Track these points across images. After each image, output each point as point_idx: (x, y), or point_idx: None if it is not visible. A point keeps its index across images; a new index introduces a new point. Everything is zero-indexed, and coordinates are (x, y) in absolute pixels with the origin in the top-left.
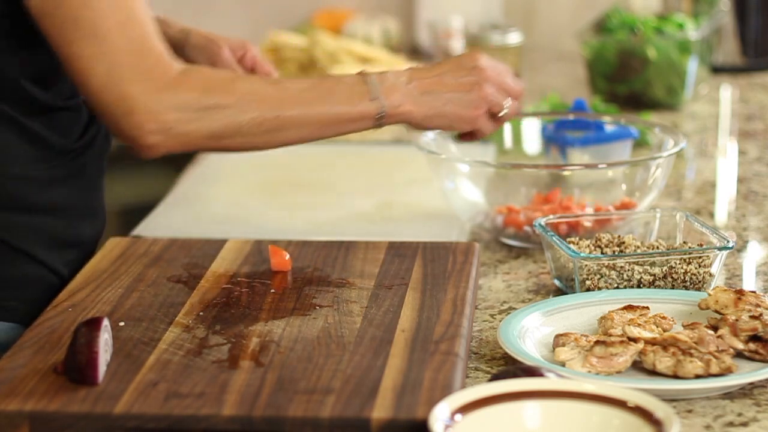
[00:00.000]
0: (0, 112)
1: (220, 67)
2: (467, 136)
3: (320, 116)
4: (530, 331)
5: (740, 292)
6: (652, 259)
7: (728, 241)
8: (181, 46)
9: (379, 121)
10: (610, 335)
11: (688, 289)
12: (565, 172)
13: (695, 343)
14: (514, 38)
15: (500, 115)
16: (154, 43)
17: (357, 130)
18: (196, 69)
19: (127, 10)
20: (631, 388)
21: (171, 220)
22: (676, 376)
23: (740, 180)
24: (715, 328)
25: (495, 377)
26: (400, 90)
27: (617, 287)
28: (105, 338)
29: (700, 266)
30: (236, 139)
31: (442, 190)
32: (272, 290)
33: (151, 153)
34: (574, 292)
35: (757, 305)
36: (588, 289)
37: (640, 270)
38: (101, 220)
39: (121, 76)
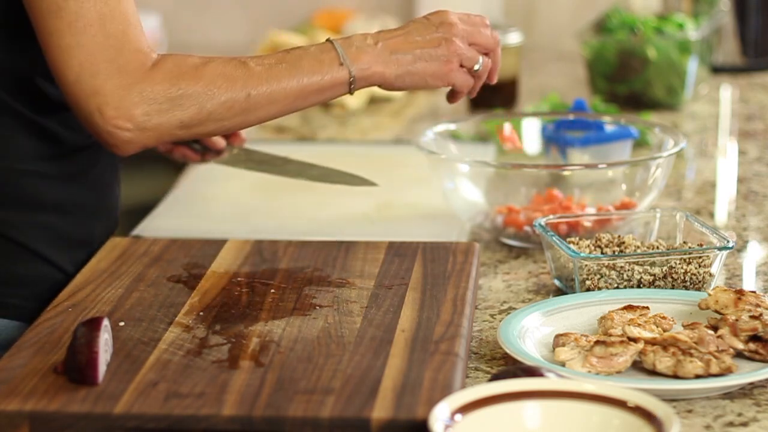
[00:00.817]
0: (12, 109)
1: None
2: (452, 96)
3: (291, 90)
4: (530, 331)
5: (740, 292)
6: (652, 259)
7: (728, 241)
8: None
9: (352, 85)
10: (610, 335)
11: (688, 289)
12: (565, 172)
13: (695, 343)
14: (514, 38)
15: (475, 69)
16: (134, 37)
17: (330, 97)
18: (167, 58)
19: (112, 3)
20: (631, 388)
21: (171, 220)
22: (676, 376)
23: (740, 180)
24: (715, 328)
25: (495, 377)
26: (367, 52)
27: (617, 287)
28: (105, 338)
29: (700, 266)
30: (209, 125)
31: (442, 190)
32: (272, 290)
33: (126, 149)
34: (574, 292)
35: (757, 305)
36: (588, 289)
37: (640, 270)
38: (113, 221)
39: (95, 70)
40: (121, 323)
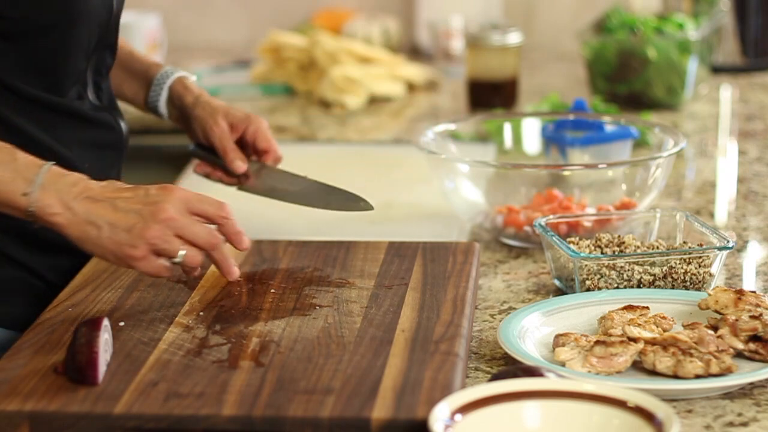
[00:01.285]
0: None
1: (213, 138)
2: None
3: None
4: (530, 331)
5: (740, 292)
6: (652, 259)
7: (728, 241)
8: (188, 115)
9: (31, 217)
10: (610, 335)
11: (688, 289)
12: (565, 172)
13: (695, 343)
14: (514, 38)
15: (175, 260)
16: None
17: (8, 212)
18: None
19: None
20: (631, 388)
21: None
22: (676, 376)
23: (740, 180)
24: (715, 328)
25: (495, 377)
26: (62, 197)
27: (617, 287)
28: (105, 338)
29: (700, 266)
30: None
31: (442, 190)
32: (272, 290)
33: None
34: (574, 292)
35: (757, 305)
36: (588, 289)
37: (640, 270)
38: None
39: None
40: (121, 323)
